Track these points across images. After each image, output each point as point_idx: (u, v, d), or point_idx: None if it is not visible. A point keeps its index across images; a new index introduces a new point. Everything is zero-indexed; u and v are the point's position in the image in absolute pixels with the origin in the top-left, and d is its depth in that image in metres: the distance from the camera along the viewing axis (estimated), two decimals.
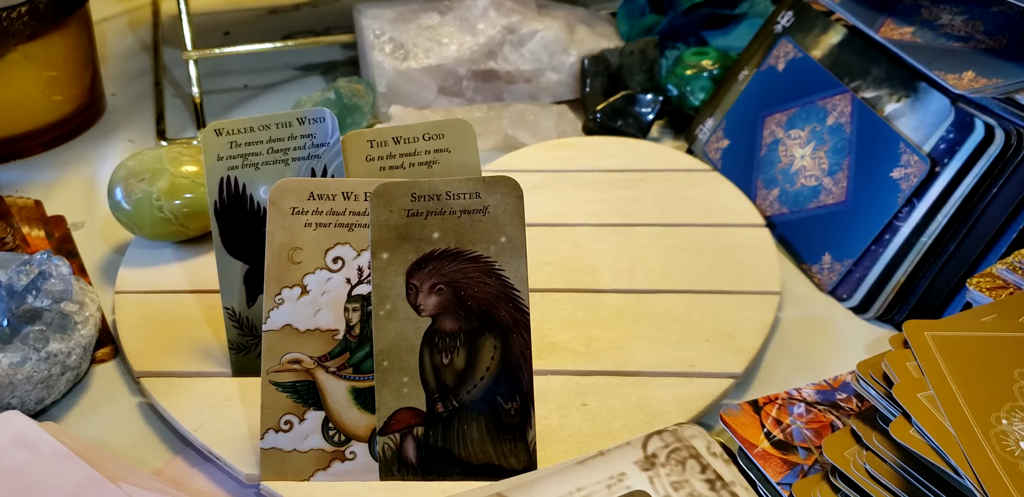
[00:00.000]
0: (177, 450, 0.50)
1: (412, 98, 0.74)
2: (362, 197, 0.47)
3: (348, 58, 0.84)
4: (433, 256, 0.46)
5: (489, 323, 0.46)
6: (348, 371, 0.47)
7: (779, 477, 0.45)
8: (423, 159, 0.50)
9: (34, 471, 0.44)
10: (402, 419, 0.46)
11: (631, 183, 0.66)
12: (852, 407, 0.48)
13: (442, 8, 0.76)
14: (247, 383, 0.51)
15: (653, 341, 0.54)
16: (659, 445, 0.45)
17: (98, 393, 0.53)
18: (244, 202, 0.51)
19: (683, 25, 0.78)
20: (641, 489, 0.43)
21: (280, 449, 0.47)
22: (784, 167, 0.64)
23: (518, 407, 0.47)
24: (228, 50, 0.76)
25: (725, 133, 0.69)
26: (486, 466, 0.47)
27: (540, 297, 0.56)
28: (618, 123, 0.73)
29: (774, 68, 0.67)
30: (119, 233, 0.63)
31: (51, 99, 0.72)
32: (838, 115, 0.61)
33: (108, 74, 0.82)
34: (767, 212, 0.64)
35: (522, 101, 0.75)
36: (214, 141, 0.50)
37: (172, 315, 0.56)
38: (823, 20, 0.65)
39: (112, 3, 0.92)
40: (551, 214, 0.63)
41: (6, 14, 0.66)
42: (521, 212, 0.46)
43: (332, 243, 0.47)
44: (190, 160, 0.60)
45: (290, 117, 0.50)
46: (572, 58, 0.75)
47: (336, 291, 0.47)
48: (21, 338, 0.50)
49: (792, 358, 0.56)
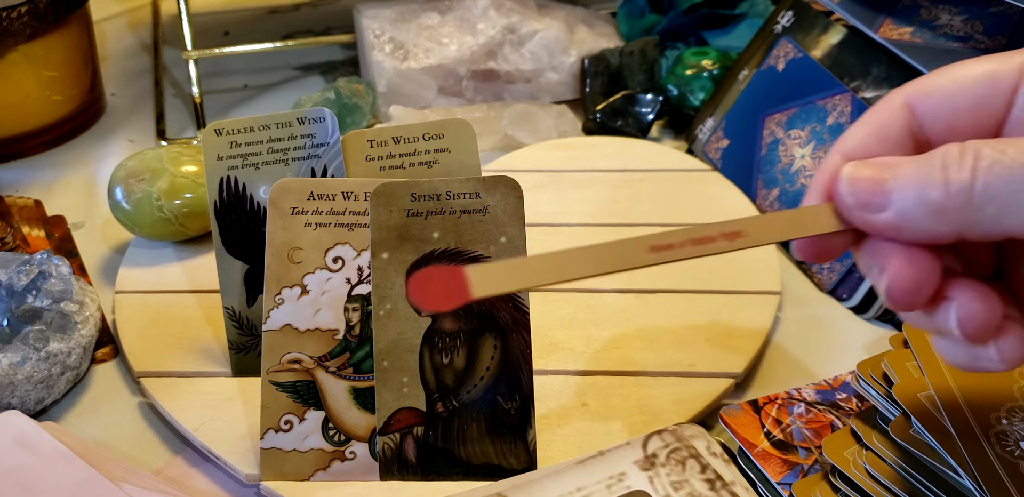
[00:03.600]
0: (177, 450, 0.50)
1: (412, 98, 0.74)
2: (362, 197, 0.47)
3: (348, 58, 0.84)
4: (433, 256, 0.46)
5: (489, 323, 0.46)
6: (348, 371, 0.47)
7: (779, 477, 0.45)
8: (423, 159, 0.50)
9: (34, 471, 0.44)
10: (402, 419, 0.46)
11: (631, 183, 0.66)
12: (852, 407, 0.48)
13: (442, 8, 0.76)
14: (247, 383, 0.51)
15: (653, 341, 0.54)
16: (659, 445, 0.45)
17: (98, 393, 0.53)
18: (244, 202, 0.51)
19: (683, 25, 0.78)
20: (641, 489, 0.43)
21: (280, 449, 0.47)
22: (784, 167, 0.64)
23: (518, 407, 0.47)
24: (228, 50, 0.77)
25: (725, 133, 0.69)
26: (486, 466, 0.47)
27: (540, 297, 0.56)
28: (618, 123, 0.73)
29: (774, 68, 0.67)
30: (119, 233, 0.63)
31: (51, 99, 0.72)
32: (838, 115, 0.61)
33: (108, 74, 0.82)
34: (767, 212, 0.64)
35: (522, 101, 0.75)
36: (214, 141, 0.50)
37: (172, 315, 0.56)
38: (823, 20, 0.65)
39: (112, 3, 0.92)
40: (551, 214, 0.63)
41: (6, 14, 0.66)
42: (521, 212, 0.46)
43: (332, 243, 0.47)
44: (190, 160, 0.60)
45: (290, 117, 0.51)
46: (572, 58, 0.75)
47: (336, 291, 0.47)
48: (21, 338, 0.50)
49: (792, 358, 0.56)
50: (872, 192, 0.33)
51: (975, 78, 0.35)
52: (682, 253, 0.32)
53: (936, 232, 0.33)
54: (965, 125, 0.35)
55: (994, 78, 0.35)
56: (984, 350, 0.33)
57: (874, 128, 0.36)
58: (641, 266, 0.32)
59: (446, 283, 0.30)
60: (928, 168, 0.32)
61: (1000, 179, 0.31)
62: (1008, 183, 0.31)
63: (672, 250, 0.32)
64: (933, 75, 0.36)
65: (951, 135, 0.35)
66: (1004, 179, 0.31)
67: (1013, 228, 0.32)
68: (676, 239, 0.33)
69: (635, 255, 0.32)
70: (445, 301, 0.30)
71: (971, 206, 0.31)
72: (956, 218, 0.32)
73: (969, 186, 0.31)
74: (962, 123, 0.35)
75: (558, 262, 0.32)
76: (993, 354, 0.33)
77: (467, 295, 0.30)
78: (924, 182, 0.32)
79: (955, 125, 0.35)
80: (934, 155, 0.33)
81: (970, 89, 0.35)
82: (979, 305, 0.33)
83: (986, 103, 0.35)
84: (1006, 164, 0.31)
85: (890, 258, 0.33)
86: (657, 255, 0.32)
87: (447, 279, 0.30)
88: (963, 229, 0.32)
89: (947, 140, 0.35)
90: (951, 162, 0.32)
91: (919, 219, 0.32)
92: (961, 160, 0.32)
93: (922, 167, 0.33)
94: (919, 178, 0.33)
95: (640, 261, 0.32)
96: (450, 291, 0.30)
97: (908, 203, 0.33)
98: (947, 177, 0.32)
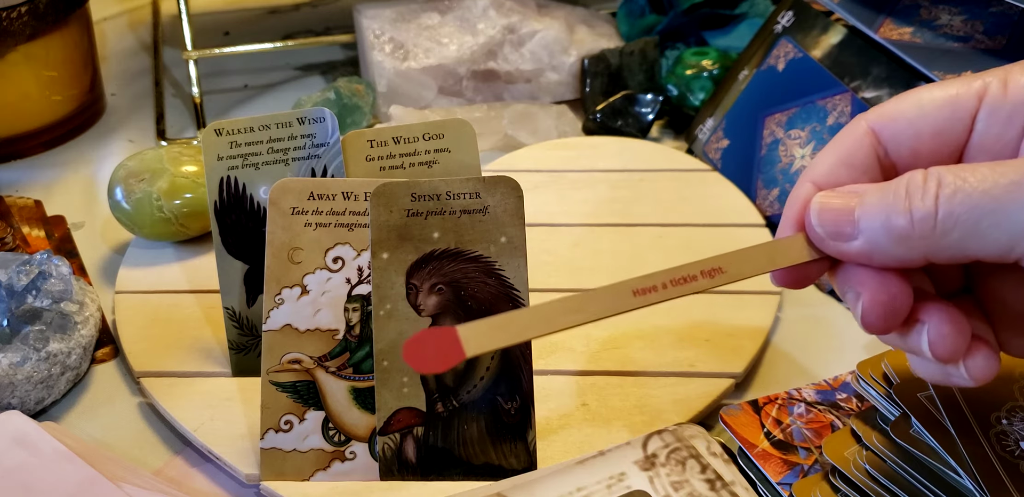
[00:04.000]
0: (177, 450, 0.50)
1: (412, 98, 0.74)
2: (362, 197, 0.47)
3: (348, 58, 0.84)
4: (433, 256, 0.46)
5: None
6: (348, 371, 0.47)
7: (779, 477, 0.45)
8: (423, 159, 0.50)
9: (34, 471, 0.44)
10: (402, 419, 0.46)
11: (631, 183, 0.66)
12: (852, 407, 0.48)
13: (442, 8, 0.76)
14: (247, 383, 0.51)
15: (653, 341, 0.54)
16: (659, 445, 0.45)
17: (98, 393, 0.53)
18: (244, 202, 0.51)
19: (683, 25, 0.78)
20: (641, 489, 0.43)
21: (280, 449, 0.47)
22: (784, 167, 0.64)
23: (518, 407, 0.47)
24: (228, 50, 0.77)
25: (725, 133, 0.69)
26: (486, 466, 0.47)
27: (540, 297, 0.56)
28: (618, 123, 0.73)
29: (774, 68, 0.67)
30: (119, 233, 0.63)
31: (51, 99, 0.72)
32: (838, 115, 0.61)
33: (108, 74, 0.82)
34: (767, 212, 0.64)
35: (522, 101, 0.75)
36: (214, 141, 0.50)
37: (172, 315, 0.56)
38: (823, 20, 0.65)
39: (112, 3, 0.92)
40: (551, 214, 0.63)
41: (6, 14, 0.66)
42: (521, 212, 0.46)
43: (332, 243, 0.47)
44: (190, 160, 0.60)
45: (290, 117, 0.51)
46: (572, 58, 0.75)
47: (336, 291, 0.47)
48: (21, 338, 0.50)
49: (792, 358, 0.56)
50: (841, 222, 0.35)
51: (937, 104, 0.36)
52: (665, 294, 0.34)
53: (904, 258, 0.34)
54: (928, 150, 0.36)
55: (955, 104, 0.36)
56: (955, 368, 0.35)
57: (842, 155, 0.37)
58: (628, 310, 0.34)
59: (440, 345, 0.32)
60: (893, 196, 0.33)
61: (962, 206, 0.32)
62: (970, 210, 0.32)
63: (656, 292, 0.34)
64: (896, 100, 0.37)
65: (915, 160, 0.36)
66: (966, 206, 0.32)
67: (977, 252, 0.33)
68: (658, 281, 0.34)
69: (620, 301, 0.34)
70: (441, 363, 0.32)
71: (935, 233, 0.33)
72: (921, 244, 0.33)
73: (932, 214, 0.32)
74: (925, 148, 0.36)
75: (546, 315, 0.34)
76: (963, 372, 0.35)
77: (461, 355, 0.32)
78: (889, 210, 0.33)
79: (918, 150, 0.36)
80: (899, 183, 0.34)
81: (932, 115, 0.36)
82: (948, 328, 0.34)
83: (947, 128, 0.36)
84: (967, 192, 0.32)
85: (863, 284, 0.35)
86: (642, 298, 0.34)
87: (440, 341, 0.32)
88: (929, 254, 0.33)
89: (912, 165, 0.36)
90: (915, 190, 0.33)
91: (887, 246, 0.34)
92: (924, 188, 0.33)
93: (887, 195, 0.34)
94: (884, 206, 0.34)
95: (625, 306, 0.34)
96: (444, 353, 0.32)
97: (876, 231, 0.34)
98: (911, 205, 0.33)
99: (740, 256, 0.36)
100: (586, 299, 0.34)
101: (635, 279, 0.34)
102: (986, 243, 0.32)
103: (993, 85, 0.35)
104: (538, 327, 0.34)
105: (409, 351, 0.32)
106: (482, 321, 0.33)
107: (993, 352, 0.35)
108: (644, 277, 0.34)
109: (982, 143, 0.36)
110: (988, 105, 0.35)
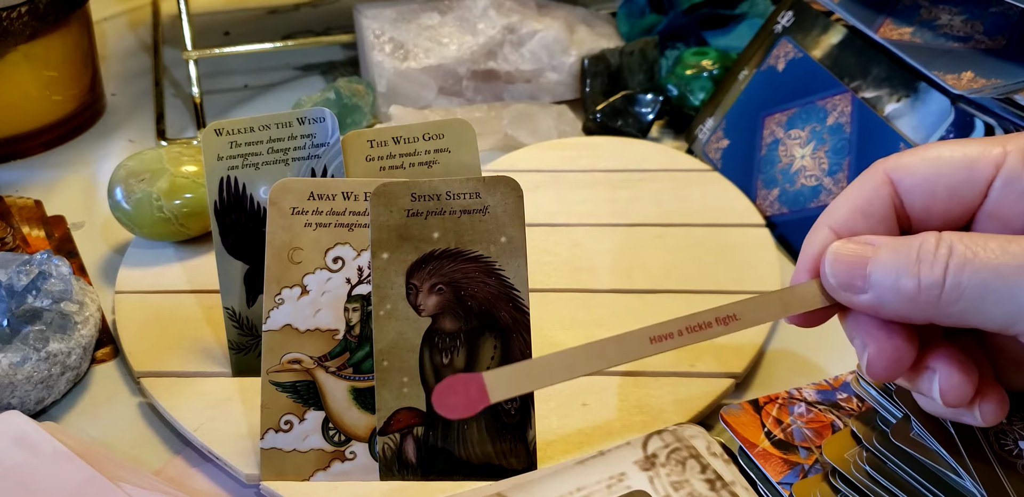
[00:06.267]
0: (177, 450, 0.50)
1: (412, 98, 0.74)
2: (362, 197, 0.47)
3: (348, 58, 0.84)
4: (433, 256, 0.46)
5: (489, 323, 0.46)
6: (348, 371, 0.47)
7: (779, 477, 0.45)
8: (423, 159, 0.50)
9: (34, 471, 0.44)
10: (402, 419, 0.46)
11: (631, 183, 0.66)
12: (853, 407, 0.48)
13: (442, 8, 0.76)
14: (247, 383, 0.51)
15: None
16: (659, 445, 0.45)
17: (98, 393, 0.53)
18: (244, 202, 0.51)
19: (683, 25, 0.78)
20: (641, 489, 0.43)
21: (280, 449, 0.47)
22: (784, 167, 0.64)
23: (518, 407, 0.47)
24: (228, 50, 0.77)
25: (725, 133, 0.69)
26: (486, 466, 0.47)
27: (540, 297, 0.56)
28: (618, 123, 0.73)
29: (774, 68, 0.67)
30: (119, 233, 0.63)
31: (51, 99, 0.72)
32: (838, 115, 0.61)
33: (108, 74, 0.82)
34: (767, 212, 0.64)
35: (522, 101, 0.75)
36: (214, 141, 0.50)
37: (172, 315, 0.56)
38: (823, 20, 0.65)
39: (112, 3, 0.92)
40: (551, 214, 0.63)
41: (6, 14, 0.66)
42: (521, 212, 0.46)
43: (332, 243, 0.47)
44: (190, 160, 0.60)
45: (290, 117, 0.51)
46: (572, 58, 0.75)
47: (336, 291, 0.47)
48: (21, 338, 0.50)
49: (792, 358, 0.56)
50: (854, 275, 0.36)
51: (956, 165, 0.37)
52: (680, 341, 0.36)
53: (909, 317, 0.35)
54: (940, 209, 0.37)
55: (972, 168, 0.36)
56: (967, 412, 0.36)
57: (860, 204, 0.38)
58: (644, 356, 0.35)
59: (466, 391, 0.34)
60: (905, 258, 0.34)
61: (969, 280, 0.33)
62: (977, 286, 0.33)
63: (672, 339, 0.36)
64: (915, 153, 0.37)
65: (927, 215, 0.37)
66: (974, 281, 0.33)
67: (978, 324, 0.34)
68: (674, 328, 0.36)
69: (637, 347, 0.36)
70: (467, 409, 0.34)
71: (940, 301, 0.33)
72: (926, 309, 0.34)
73: (940, 283, 0.33)
74: (938, 207, 0.37)
75: (567, 361, 0.35)
76: (977, 415, 0.36)
77: (487, 400, 0.34)
78: (900, 271, 0.34)
79: (931, 208, 0.37)
80: (912, 244, 0.34)
81: (950, 176, 0.37)
82: (959, 378, 0.35)
83: (962, 191, 0.37)
84: (976, 267, 0.33)
85: (870, 334, 0.36)
86: (658, 345, 0.36)
87: (467, 389, 0.34)
88: (933, 319, 0.34)
89: (924, 220, 0.37)
90: (926, 255, 0.34)
91: (894, 304, 0.35)
92: (936, 254, 0.34)
93: (899, 256, 0.35)
94: (895, 266, 0.34)
95: (642, 352, 0.36)
96: (470, 399, 0.34)
97: (885, 289, 0.35)
98: (920, 270, 0.34)
99: (755, 303, 0.37)
100: (605, 346, 0.35)
101: (653, 326, 0.36)
102: (988, 317, 0.33)
103: (1012, 156, 0.36)
104: (561, 374, 0.36)
105: (437, 397, 0.34)
106: (507, 368, 0.35)
107: (1003, 397, 0.36)
108: (661, 324, 0.36)
109: (994, 210, 0.36)
110: (1004, 175, 0.36)
